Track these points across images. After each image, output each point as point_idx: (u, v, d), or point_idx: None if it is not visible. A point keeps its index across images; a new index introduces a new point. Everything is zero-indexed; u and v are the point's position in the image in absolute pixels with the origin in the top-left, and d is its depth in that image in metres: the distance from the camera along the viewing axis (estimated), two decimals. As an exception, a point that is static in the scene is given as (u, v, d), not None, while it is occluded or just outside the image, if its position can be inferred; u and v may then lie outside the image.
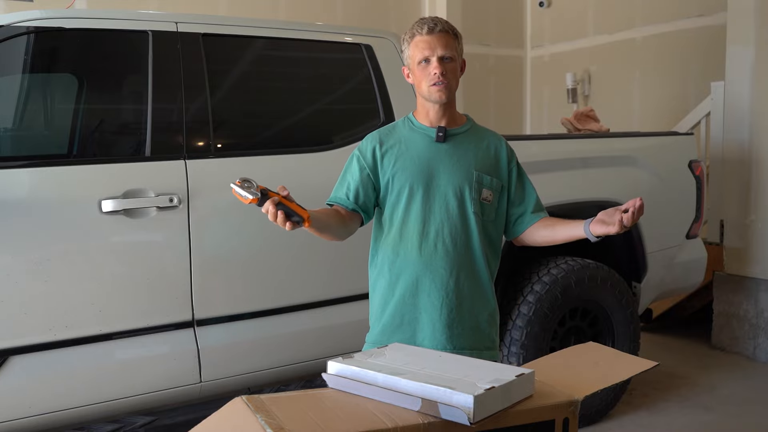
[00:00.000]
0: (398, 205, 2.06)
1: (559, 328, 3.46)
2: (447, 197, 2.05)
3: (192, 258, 2.63)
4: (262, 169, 2.82)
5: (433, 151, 2.08)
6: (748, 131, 4.68)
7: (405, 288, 2.06)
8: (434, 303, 2.04)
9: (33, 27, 2.54)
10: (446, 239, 2.04)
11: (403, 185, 2.05)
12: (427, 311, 2.05)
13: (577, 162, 3.63)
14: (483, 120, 2.33)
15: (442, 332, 2.04)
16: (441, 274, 2.04)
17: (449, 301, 2.04)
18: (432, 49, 2.01)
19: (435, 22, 2.04)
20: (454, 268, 2.05)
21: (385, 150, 2.08)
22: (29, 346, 2.39)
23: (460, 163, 2.07)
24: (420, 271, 2.04)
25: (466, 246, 2.06)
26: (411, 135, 2.11)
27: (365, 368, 1.44)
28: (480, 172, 2.08)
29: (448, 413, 1.29)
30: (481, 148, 2.12)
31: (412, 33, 2.06)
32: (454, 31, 2.07)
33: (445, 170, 2.06)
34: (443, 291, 2.04)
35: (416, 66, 2.05)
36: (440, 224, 2.04)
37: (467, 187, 2.06)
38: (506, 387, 1.36)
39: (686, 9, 6.24)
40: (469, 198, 2.06)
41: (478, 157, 2.10)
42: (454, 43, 2.05)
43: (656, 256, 3.81)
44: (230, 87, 2.92)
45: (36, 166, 2.51)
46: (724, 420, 3.68)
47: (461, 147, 2.10)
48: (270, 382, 2.91)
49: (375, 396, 1.38)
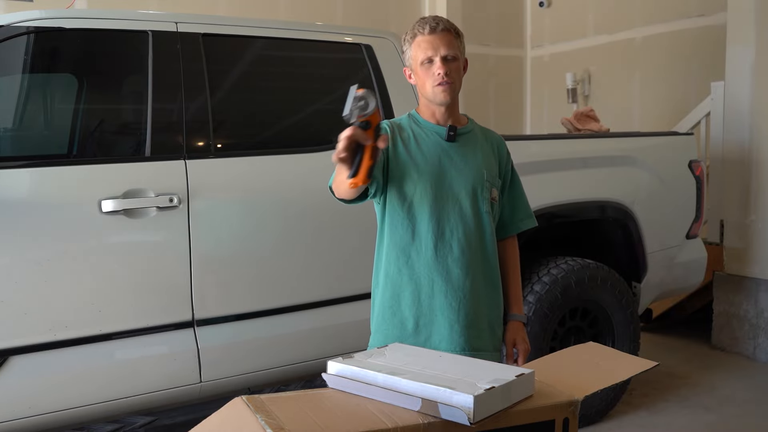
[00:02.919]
0: (409, 204, 2.00)
1: (559, 328, 3.46)
2: (460, 197, 2.01)
3: (192, 258, 2.63)
4: (263, 169, 2.82)
5: (444, 149, 2.03)
6: (748, 131, 4.68)
7: (420, 290, 2.00)
8: (452, 304, 1.99)
9: (33, 27, 2.54)
10: (461, 239, 2.00)
11: (415, 184, 1.99)
12: (444, 313, 1.99)
13: (577, 162, 3.62)
14: (483, 120, 2.33)
15: (461, 334, 1.99)
16: (457, 274, 1.99)
17: (467, 302, 2.00)
18: (435, 49, 1.96)
19: (437, 21, 1.99)
20: (470, 268, 2.01)
21: (397, 139, 2.00)
22: (29, 346, 2.39)
23: (471, 162, 2.04)
24: (435, 273, 1.99)
25: (480, 246, 2.03)
26: (420, 131, 2.05)
27: (365, 368, 1.44)
28: (488, 171, 2.06)
29: (448, 413, 1.28)
30: (486, 148, 2.10)
31: (413, 33, 2.00)
32: (456, 30, 2.02)
33: (457, 169, 2.02)
34: (461, 292, 2.00)
35: (419, 66, 2.00)
36: (454, 224, 2.00)
37: (479, 187, 2.03)
38: (506, 387, 1.35)
39: (686, 9, 6.24)
40: (482, 197, 2.03)
41: (486, 156, 2.08)
42: (457, 42, 2.00)
43: (656, 256, 3.81)
44: (230, 87, 2.92)
45: (36, 166, 2.51)
46: (724, 420, 3.68)
47: (470, 146, 2.06)
48: (270, 382, 2.91)
49: (375, 396, 1.38)
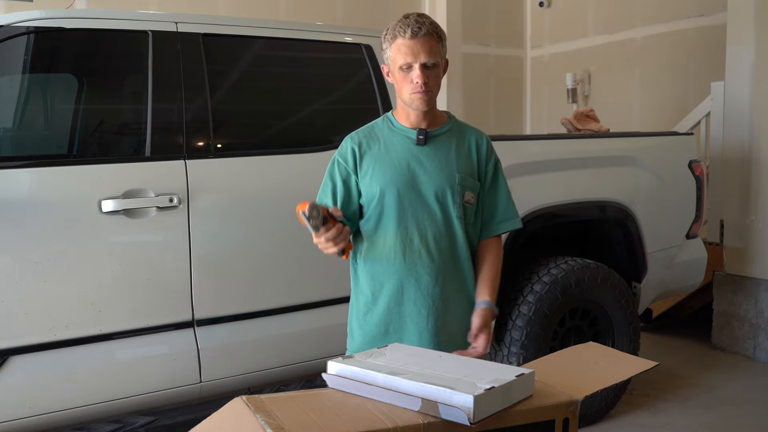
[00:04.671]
0: (379, 210, 1.99)
1: (559, 328, 3.46)
2: (429, 202, 1.98)
3: (192, 258, 2.63)
4: (262, 170, 2.82)
5: (414, 153, 2.00)
6: (748, 131, 4.68)
7: (390, 296, 2.00)
8: (420, 311, 1.99)
9: (33, 27, 2.54)
10: (430, 245, 1.98)
11: (384, 190, 1.97)
12: (413, 319, 2.00)
13: (577, 162, 3.62)
14: (483, 120, 2.33)
15: (430, 341, 1.99)
16: (426, 281, 1.98)
17: (435, 308, 1.99)
18: (415, 56, 1.90)
19: (419, 24, 1.90)
20: (440, 274, 1.99)
21: (364, 151, 2.01)
22: (29, 346, 2.39)
23: (442, 165, 2.00)
24: (404, 279, 1.98)
25: (450, 251, 2.01)
26: (391, 136, 2.03)
27: (365, 368, 1.44)
28: (463, 174, 2.01)
29: (448, 413, 1.29)
30: (463, 148, 2.05)
31: (394, 34, 1.93)
32: (439, 33, 1.95)
33: (426, 174, 1.98)
34: (429, 299, 1.99)
35: (397, 70, 1.94)
36: (424, 230, 1.98)
37: (449, 191, 1.99)
38: (506, 387, 1.36)
39: (686, 9, 6.24)
40: (452, 202, 1.99)
41: (460, 158, 2.03)
42: (438, 47, 1.94)
43: (656, 256, 3.81)
44: (230, 87, 2.92)
45: (36, 166, 2.51)
46: (725, 420, 3.68)
47: (443, 148, 2.02)
48: (270, 382, 2.91)
49: (375, 396, 1.38)
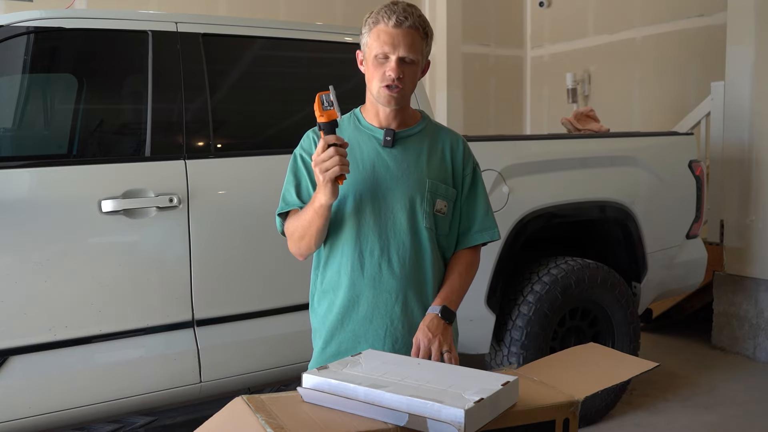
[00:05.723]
0: (339, 217, 1.79)
1: (559, 328, 3.46)
2: (395, 210, 1.78)
3: (192, 258, 2.63)
4: (263, 170, 2.82)
5: (380, 155, 1.80)
6: (748, 131, 4.68)
7: (344, 313, 1.80)
8: (377, 332, 1.79)
9: (33, 27, 2.54)
10: (392, 258, 1.77)
11: (346, 195, 1.77)
12: (368, 341, 1.78)
13: (577, 162, 3.62)
14: (483, 120, 2.31)
15: None
16: (385, 298, 1.78)
17: (394, 329, 1.78)
18: (394, 47, 1.72)
19: (406, 14, 1.72)
20: (401, 291, 1.78)
21: None
22: (29, 346, 2.39)
23: (411, 169, 1.80)
24: (362, 295, 1.78)
25: (415, 266, 1.79)
26: (356, 135, 1.83)
27: (344, 380, 1.34)
28: (434, 180, 1.81)
29: (437, 429, 1.22)
30: (436, 152, 1.85)
31: (376, 19, 1.74)
32: (426, 30, 1.77)
33: (393, 178, 1.78)
34: (387, 318, 1.78)
35: (372, 59, 1.75)
36: (386, 241, 1.77)
37: (418, 198, 1.79)
38: (494, 397, 1.31)
39: (686, 9, 6.24)
40: (421, 211, 1.79)
41: (432, 162, 1.83)
42: (421, 43, 1.76)
43: (656, 256, 3.81)
44: (230, 87, 2.91)
45: (36, 166, 2.51)
46: (725, 420, 3.68)
47: (413, 151, 1.82)
48: (270, 382, 2.91)
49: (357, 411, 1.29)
